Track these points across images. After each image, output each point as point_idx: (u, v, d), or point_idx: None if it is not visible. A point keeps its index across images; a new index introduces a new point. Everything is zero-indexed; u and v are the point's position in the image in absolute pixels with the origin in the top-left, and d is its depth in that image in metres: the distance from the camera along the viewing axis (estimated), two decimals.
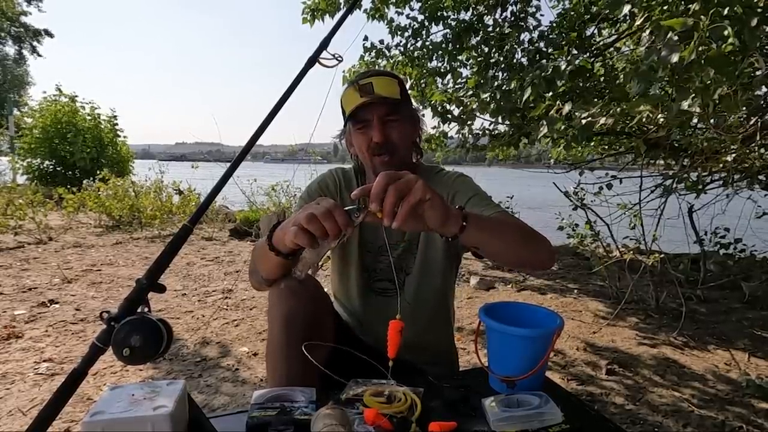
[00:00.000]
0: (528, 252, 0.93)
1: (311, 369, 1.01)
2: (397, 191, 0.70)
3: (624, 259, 2.98)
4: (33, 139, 9.17)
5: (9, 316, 2.59)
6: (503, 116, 2.93)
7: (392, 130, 1.11)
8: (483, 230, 0.84)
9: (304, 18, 3.68)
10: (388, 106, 1.09)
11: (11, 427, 1.59)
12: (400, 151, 1.13)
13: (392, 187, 0.70)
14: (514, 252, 0.92)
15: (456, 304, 3.07)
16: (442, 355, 1.29)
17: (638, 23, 1.95)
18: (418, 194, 0.71)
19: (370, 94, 1.07)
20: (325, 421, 0.71)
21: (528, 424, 0.81)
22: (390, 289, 1.22)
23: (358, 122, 1.11)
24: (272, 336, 1.01)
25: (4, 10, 20.06)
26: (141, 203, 5.96)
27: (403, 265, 1.21)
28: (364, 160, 1.16)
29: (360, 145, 1.13)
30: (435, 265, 1.19)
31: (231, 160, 0.84)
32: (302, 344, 0.99)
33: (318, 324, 1.04)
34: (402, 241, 1.20)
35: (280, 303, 1.00)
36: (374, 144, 1.10)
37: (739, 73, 1.46)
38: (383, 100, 1.08)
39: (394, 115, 1.11)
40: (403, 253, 1.20)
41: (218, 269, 3.88)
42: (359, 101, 1.08)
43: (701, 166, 2.92)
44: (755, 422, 1.72)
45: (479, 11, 3.39)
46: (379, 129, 1.09)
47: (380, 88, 1.08)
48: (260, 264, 1.00)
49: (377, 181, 0.71)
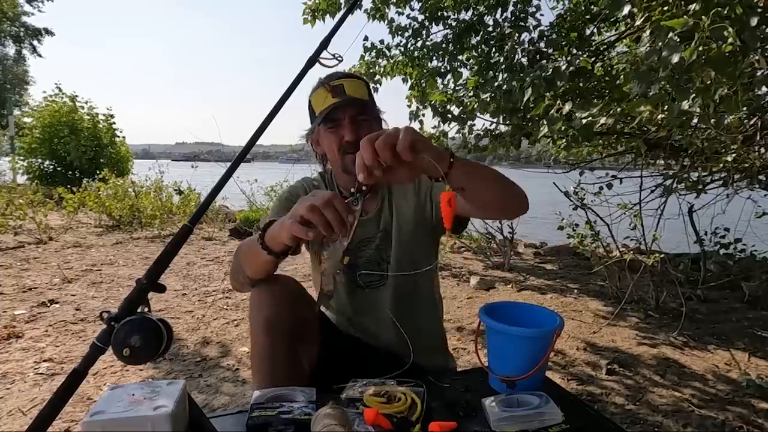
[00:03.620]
0: (508, 195, 0.96)
1: (298, 373, 1.01)
2: (386, 143, 0.71)
3: (624, 259, 2.98)
4: (33, 139, 9.18)
5: (9, 316, 2.59)
6: (504, 116, 2.93)
7: (362, 129, 1.13)
8: (469, 170, 0.86)
9: (305, 18, 3.68)
10: (359, 107, 1.13)
11: (11, 426, 1.59)
12: None
13: (380, 140, 0.71)
14: (495, 194, 0.95)
15: (456, 304, 3.09)
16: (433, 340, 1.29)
17: (638, 23, 1.95)
18: (409, 134, 0.71)
19: (342, 95, 1.10)
20: (325, 421, 0.71)
21: (528, 424, 0.81)
22: (376, 280, 1.23)
23: (330, 122, 1.14)
24: (255, 341, 1.01)
25: (5, 10, 20.06)
26: (141, 203, 5.96)
27: (384, 255, 1.22)
28: (333, 160, 1.19)
29: (330, 144, 1.16)
30: (411, 246, 1.21)
31: (238, 161, 0.84)
32: (286, 347, 1.00)
33: (302, 326, 1.05)
34: (378, 231, 1.22)
35: (261, 307, 1.00)
36: (346, 142, 1.12)
37: (739, 73, 1.46)
38: (354, 101, 1.11)
39: (363, 116, 1.14)
40: (380, 243, 1.22)
41: (218, 269, 3.87)
42: (331, 102, 1.10)
43: (701, 166, 2.92)
44: (755, 422, 1.72)
45: (479, 11, 3.39)
46: (351, 128, 1.11)
47: (351, 89, 1.12)
48: (248, 263, 1.00)
49: (363, 148, 0.71)
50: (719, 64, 1.41)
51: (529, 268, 4.29)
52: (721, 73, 1.43)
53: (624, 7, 1.93)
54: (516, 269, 4.18)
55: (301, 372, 1.04)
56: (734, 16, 1.43)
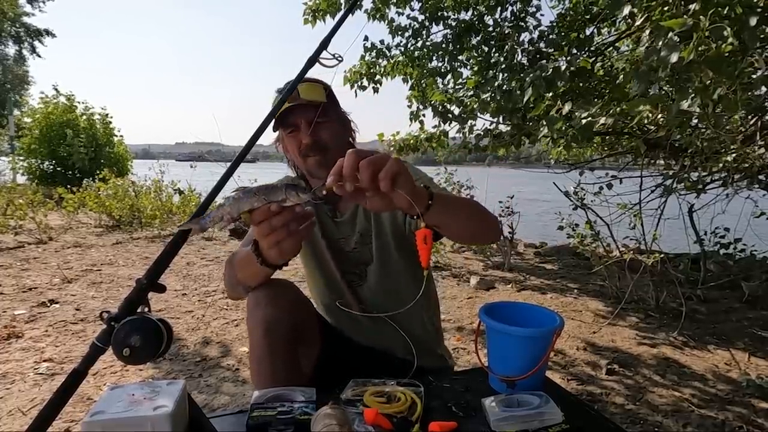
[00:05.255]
0: (481, 228, 0.97)
1: (296, 373, 1.01)
2: (370, 163, 0.68)
3: (624, 259, 2.98)
4: (33, 140, 9.18)
5: (9, 316, 2.59)
6: (504, 116, 2.93)
7: (322, 131, 1.13)
8: (444, 209, 0.83)
9: (305, 19, 3.68)
10: (315, 110, 1.11)
11: (11, 426, 1.59)
12: (332, 151, 1.14)
13: (367, 159, 0.68)
14: (469, 228, 0.95)
15: (456, 304, 3.09)
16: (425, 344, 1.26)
17: (638, 23, 1.95)
18: (396, 166, 0.68)
19: (296, 99, 1.09)
20: (325, 421, 0.71)
21: (528, 424, 0.81)
22: (355, 281, 1.23)
23: (288, 126, 1.13)
24: (254, 343, 1.01)
25: (5, 11, 20.06)
26: (141, 203, 5.96)
27: (361, 258, 1.21)
28: (299, 164, 1.19)
29: (292, 148, 1.16)
30: (390, 250, 1.20)
31: (239, 161, 0.84)
32: (285, 349, 0.99)
33: (301, 328, 1.05)
34: (354, 234, 1.21)
35: (259, 308, 1.00)
36: (304, 145, 1.12)
37: (738, 73, 1.46)
38: (309, 104, 1.10)
39: (321, 118, 1.12)
40: (356, 246, 1.21)
41: (218, 269, 3.87)
42: (285, 106, 1.09)
43: (701, 166, 2.92)
44: (755, 422, 1.72)
45: (479, 11, 3.39)
46: (307, 131, 1.11)
47: (305, 93, 1.10)
48: (245, 273, 0.99)
49: (347, 158, 0.69)
50: (717, 63, 1.41)
51: (529, 268, 4.30)
52: (718, 73, 1.43)
53: (624, 7, 1.93)
54: (516, 269, 4.18)
55: (300, 374, 1.04)
56: (734, 16, 1.43)
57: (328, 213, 1.23)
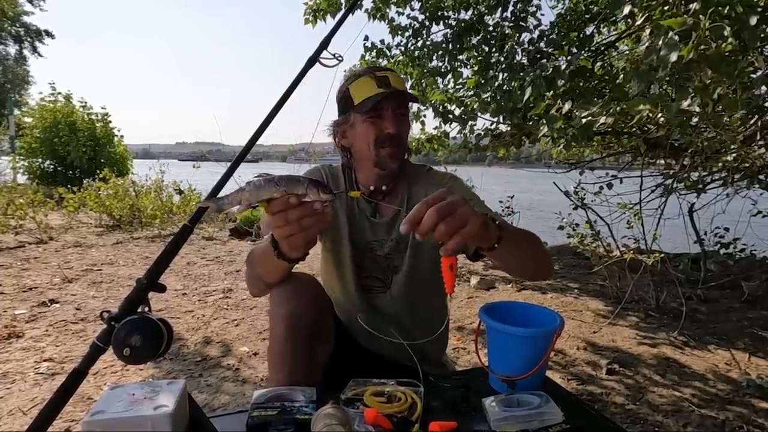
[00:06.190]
0: (537, 269, 0.98)
1: (314, 370, 1.00)
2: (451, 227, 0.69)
3: (624, 258, 2.98)
4: (33, 139, 9.18)
5: (9, 316, 2.59)
6: (504, 116, 2.93)
7: (403, 125, 1.12)
8: (512, 251, 0.84)
9: (306, 19, 3.68)
10: (402, 100, 1.10)
11: (12, 426, 1.59)
12: (404, 146, 1.14)
13: (449, 220, 0.69)
14: (526, 267, 0.96)
15: (456, 304, 3.08)
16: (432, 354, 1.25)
17: (638, 23, 1.95)
18: (477, 227, 0.70)
19: (388, 86, 1.07)
20: (326, 420, 0.71)
21: (528, 423, 0.81)
22: (376, 286, 1.20)
23: (371, 111, 1.09)
24: (275, 336, 0.99)
25: (6, 10, 20.06)
26: (141, 203, 5.96)
27: (391, 264, 1.19)
28: (365, 152, 1.13)
29: (367, 134, 1.10)
30: (425, 265, 1.17)
31: (239, 161, 0.84)
32: (306, 345, 0.98)
33: (320, 325, 1.04)
34: (389, 240, 1.18)
35: (283, 303, 0.99)
36: (387, 135, 1.09)
37: (738, 73, 1.46)
38: (399, 94, 1.09)
39: (403, 109, 1.12)
40: (390, 252, 1.18)
41: (218, 269, 3.88)
42: (377, 91, 1.07)
43: (701, 165, 2.92)
44: (756, 422, 1.72)
45: (479, 11, 3.39)
46: (394, 120, 1.09)
47: (395, 82, 1.10)
48: (265, 269, 0.97)
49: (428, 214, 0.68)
50: (717, 63, 1.41)
51: None
52: (718, 72, 1.43)
53: (624, 7, 1.93)
54: None
55: (318, 371, 1.02)
56: (734, 15, 1.43)
57: (367, 213, 1.19)
